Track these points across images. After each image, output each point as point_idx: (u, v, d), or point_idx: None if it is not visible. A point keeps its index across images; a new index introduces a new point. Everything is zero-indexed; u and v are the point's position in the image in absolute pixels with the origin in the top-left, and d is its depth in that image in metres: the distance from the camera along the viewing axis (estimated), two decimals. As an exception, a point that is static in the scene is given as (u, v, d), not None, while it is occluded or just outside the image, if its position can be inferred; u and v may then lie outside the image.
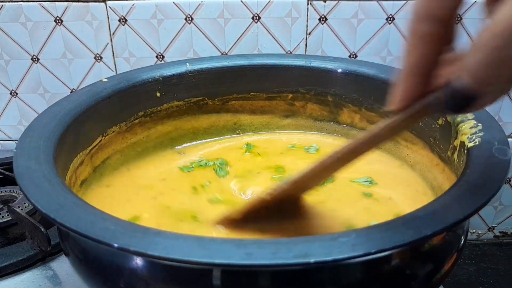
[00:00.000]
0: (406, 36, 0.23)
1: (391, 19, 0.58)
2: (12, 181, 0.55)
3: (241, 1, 0.58)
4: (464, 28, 0.58)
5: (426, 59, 0.22)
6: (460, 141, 0.34)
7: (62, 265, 0.45)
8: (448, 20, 0.22)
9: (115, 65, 0.62)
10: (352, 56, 0.61)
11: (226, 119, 0.51)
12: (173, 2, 0.58)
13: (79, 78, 0.64)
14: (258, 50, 0.61)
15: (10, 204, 0.49)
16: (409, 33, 0.22)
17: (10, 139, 0.68)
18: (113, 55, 0.62)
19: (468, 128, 0.34)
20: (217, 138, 0.51)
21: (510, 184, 0.69)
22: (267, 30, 0.60)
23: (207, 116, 0.50)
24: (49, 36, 0.61)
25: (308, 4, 0.58)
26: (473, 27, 0.58)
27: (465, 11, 0.57)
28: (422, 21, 0.22)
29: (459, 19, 0.58)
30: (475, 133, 0.33)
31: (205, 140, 0.50)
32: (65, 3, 0.59)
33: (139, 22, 0.59)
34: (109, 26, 0.60)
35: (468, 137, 0.33)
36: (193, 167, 0.45)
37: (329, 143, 0.50)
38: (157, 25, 0.60)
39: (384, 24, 0.59)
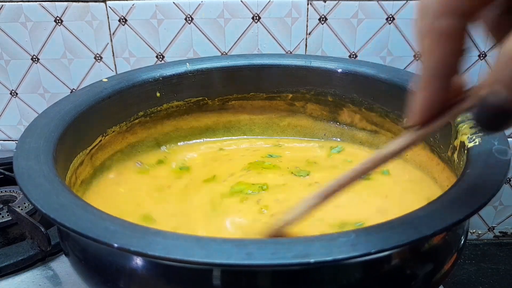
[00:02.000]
0: (419, 37, 0.20)
1: (391, 19, 0.58)
2: (12, 181, 0.55)
3: (241, 1, 0.58)
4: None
5: (447, 61, 0.20)
6: (460, 141, 0.34)
7: (62, 265, 0.45)
8: (475, 13, 0.19)
9: (115, 65, 0.62)
10: (352, 56, 0.61)
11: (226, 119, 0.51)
12: (173, 2, 0.58)
13: (79, 78, 0.64)
14: (258, 50, 0.61)
15: (10, 204, 0.49)
16: (423, 33, 0.20)
17: (10, 139, 0.68)
18: (113, 55, 0.62)
19: (468, 128, 0.34)
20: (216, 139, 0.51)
21: (510, 184, 0.69)
22: (267, 30, 0.60)
23: (207, 116, 0.50)
24: (49, 36, 0.61)
25: (308, 4, 0.58)
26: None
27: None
28: (441, 16, 0.19)
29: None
30: (475, 133, 0.33)
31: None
32: (65, 3, 0.59)
33: (139, 22, 0.60)
34: (109, 26, 0.60)
35: (468, 137, 0.33)
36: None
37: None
38: (157, 25, 0.60)
39: (384, 24, 0.59)
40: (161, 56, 0.62)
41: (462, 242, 0.31)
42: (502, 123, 0.18)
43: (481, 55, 0.60)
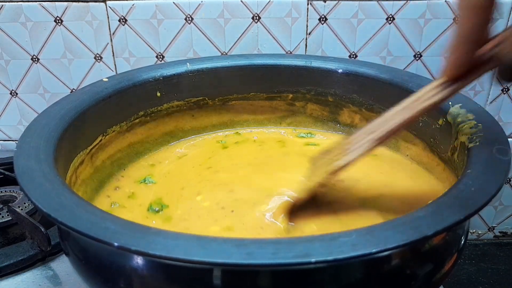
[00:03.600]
0: (457, 9, 0.26)
1: (391, 19, 0.58)
2: (12, 181, 0.55)
3: (241, 1, 0.58)
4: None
5: (477, 28, 0.26)
6: (461, 142, 0.34)
7: (62, 265, 0.45)
8: None
9: (115, 65, 0.62)
10: (352, 56, 0.61)
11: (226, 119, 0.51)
12: (173, 2, 0.58)
13: (79, 78, 0.64)
14: (258, 50, 0.61)
15: (10, 204, 0.49)
16: (461, 6, 0.25)
17: (10, 139, 0.68)
18: (113, 55, 0.62)
19: (468, 129, 0.34)
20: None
21: (510, 184, 0.69)
22: (267, 30, 0.60)
23: (207, 116, 0.50)
24: (49, 36, 0.61)
25: (308, 4, 0.58)
26: None
27: None
28: None
29: None
30: (475, 133, 0.33)
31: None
32: (65, 3, 0.59)
33: (139, 22, 0.60)
34: (109, 26, 0.60)
35: (468, 138, 0.33)
36: None
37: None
38: (157, 25, 0.60)
39: (384, 24, 0.59)
40: (161, 56, 0.62)
41: (462, 242, 0.31)
42: None
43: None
